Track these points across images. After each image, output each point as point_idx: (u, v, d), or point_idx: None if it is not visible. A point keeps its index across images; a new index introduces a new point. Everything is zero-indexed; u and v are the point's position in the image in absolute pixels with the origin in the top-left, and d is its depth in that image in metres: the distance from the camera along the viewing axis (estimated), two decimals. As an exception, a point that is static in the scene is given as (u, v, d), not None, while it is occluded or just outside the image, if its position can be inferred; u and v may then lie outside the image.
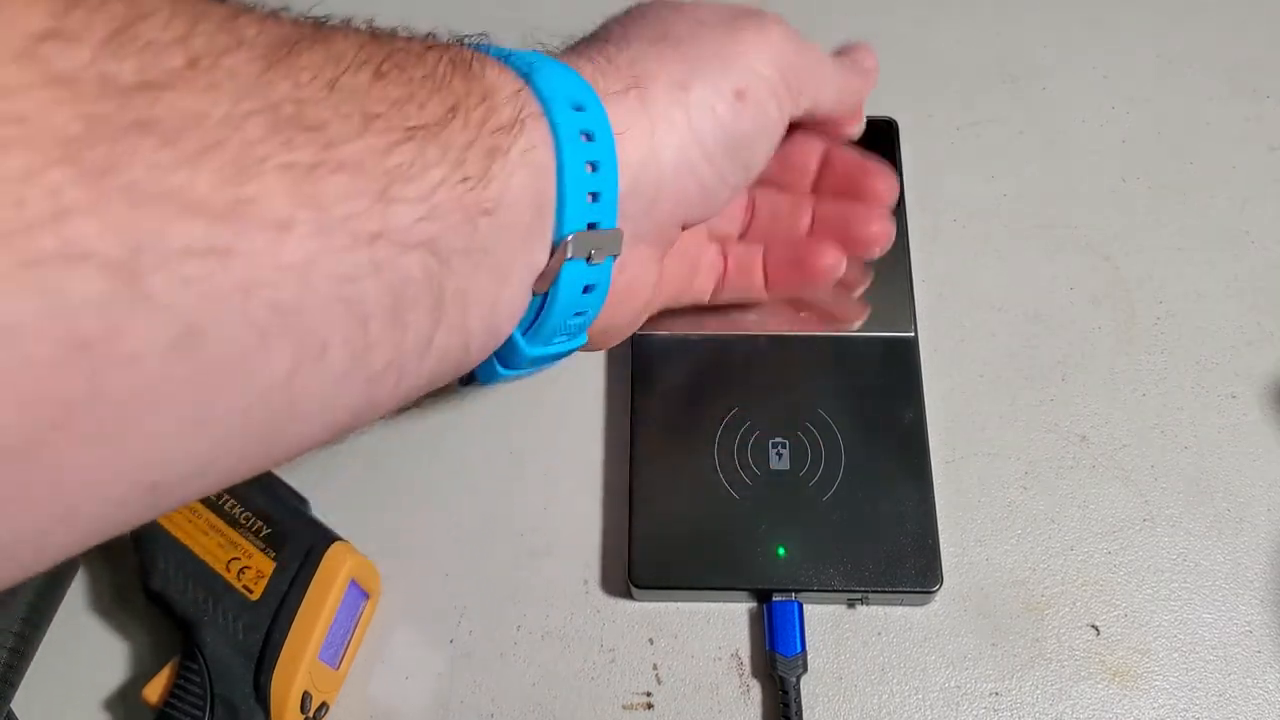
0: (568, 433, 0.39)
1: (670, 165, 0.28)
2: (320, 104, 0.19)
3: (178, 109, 0.17)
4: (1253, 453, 0.38)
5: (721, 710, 0.34)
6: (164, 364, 0.17)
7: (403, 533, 0.37)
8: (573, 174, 0.25)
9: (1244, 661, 0.34)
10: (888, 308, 0.39)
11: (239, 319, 0.18)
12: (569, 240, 0.25)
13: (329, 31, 0.21)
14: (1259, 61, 0.46)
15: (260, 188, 0.18)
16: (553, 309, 0.27)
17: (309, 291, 0.19)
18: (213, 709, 0.32)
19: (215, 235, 0.17)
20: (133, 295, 0.16)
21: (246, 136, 0.18)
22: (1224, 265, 0.41)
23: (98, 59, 0.16)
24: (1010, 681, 0.34)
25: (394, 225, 0.20)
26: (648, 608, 0.36)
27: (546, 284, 0.26)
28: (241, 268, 0.18)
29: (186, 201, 0.17)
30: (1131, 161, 0.44)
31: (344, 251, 0.19)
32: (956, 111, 0.46)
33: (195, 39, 0.18)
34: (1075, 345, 0.40)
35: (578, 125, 0.25)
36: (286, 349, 0.19)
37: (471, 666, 0.35)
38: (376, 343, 0.21)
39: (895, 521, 0.35)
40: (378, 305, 0.21)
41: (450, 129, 0.22)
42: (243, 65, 0.18)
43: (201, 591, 0.33)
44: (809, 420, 0.37)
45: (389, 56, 0.22)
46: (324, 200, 0.19)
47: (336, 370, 0.20)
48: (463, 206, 0.22)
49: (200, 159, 0.17)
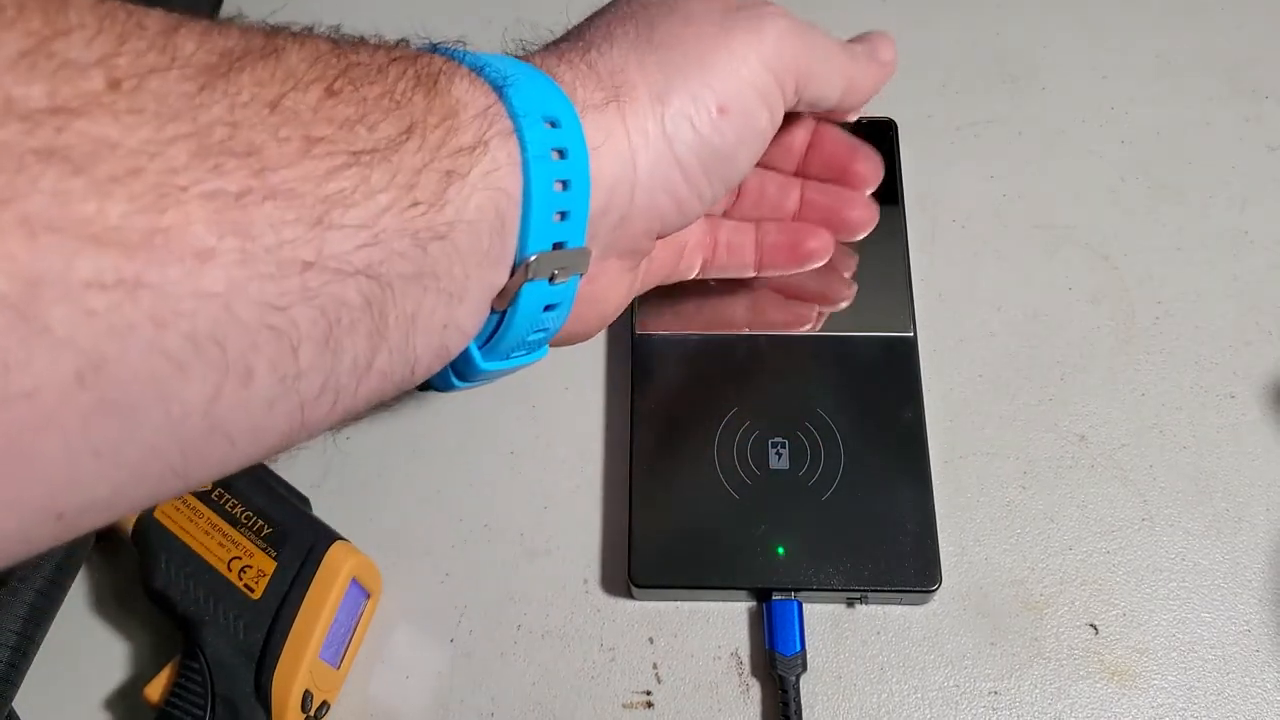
0: (568, 433, 0.39)
1: (645, 182, 0.27)
2: (256, 127, 0.19)
3: (89, 135, 0.16)
4: (1251, 452, 0.38)
5: (721, 709, 0.34)
6: (65, 397, 0.16)
7: (403, 532, 0.37)
8: (539, 194, 0.24)
9: (1242, 661, 0.34)
10: (887, 307, 0.39)
11: (150, 349, 0.17)
12: (530, 261, 0.25)
13: (283, 42, 0.21)
14: (1259, 61, 0.46)
15: (180, 216, 0.17)
16: (510, 328, 0.26)
17: (231, 320, 0.18)
18: (214, 708, 0.32)
19: (124, 267, 0.17)
20: (29, 329, 0.16)
21: (168, 163, 0.17)
22: (1223, 265, 0.41)
23: (2, 82, 0.16)
24: (1009, 681, 0.34)
25: (330, 253, 0.20)
26: (648, 607, 0.36)
27: (505, 302, 0.25)
28: (152, 299, 0.17)
29: (94, 232, 0.16)
30: (1131, 161, 0.44)
31: (271, 280, 0.19)
32: (956, 111, 0.46)
33: (120, 58, 0.17)
34: (1074, 345, 0.40)
35: (549, 142, 0.24)
36: (206, 377, 0.18)
37: (472, 666, 0.35)
38: (309, 369, 0.20)
39: (894, 521, 0.35)
40: (310, 332, 0.20)
41: (402, 151, 0.21)
42: (172, 86, 0.18)
43: (202, 591, 0.33)
44: (808, 420, 0.37)
45: (345, 72, 0.21)
46: (251, 229, 0.18)
47: (264, 396, 0.20)
48: (411, 231, 0.21)
49: (112, 187, 0.16)
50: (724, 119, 0.28)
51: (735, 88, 0.28)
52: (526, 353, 0.28)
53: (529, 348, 0.28)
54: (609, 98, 0.26)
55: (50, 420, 0.17)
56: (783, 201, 0.37)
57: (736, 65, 0.28)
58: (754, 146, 0.30)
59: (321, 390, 0.21)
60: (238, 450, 0.20)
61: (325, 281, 0.20)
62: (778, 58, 0.29)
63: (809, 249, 0.36)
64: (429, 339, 0.24)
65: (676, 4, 0.29)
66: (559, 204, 0.25)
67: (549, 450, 0.39)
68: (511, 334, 0.26)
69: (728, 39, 0.28)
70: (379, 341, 0.22)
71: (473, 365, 0.27)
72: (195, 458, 0.20)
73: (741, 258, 0.37)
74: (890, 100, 0.45)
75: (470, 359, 0.26)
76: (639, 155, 0.27)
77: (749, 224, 0.37)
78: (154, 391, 0.18)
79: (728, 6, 0.29)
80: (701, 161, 0.28)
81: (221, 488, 0.35)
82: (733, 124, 0.28)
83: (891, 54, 0.34)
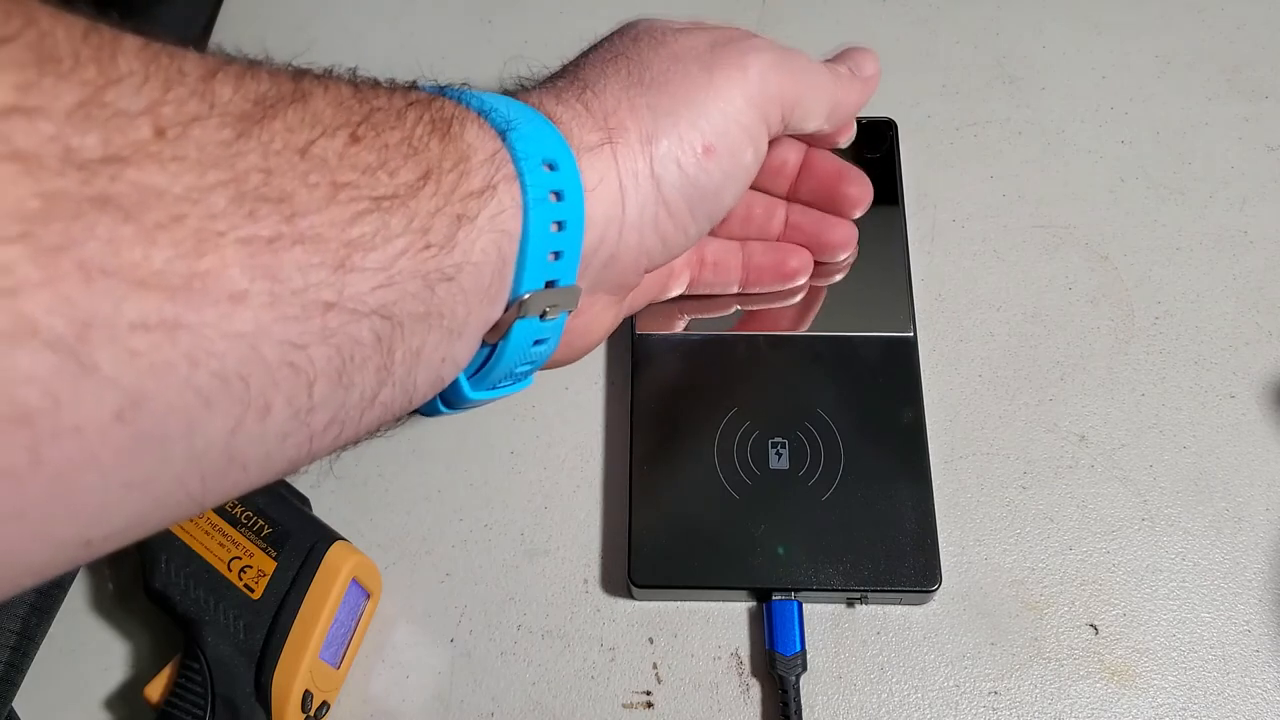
0: (568, 433, 0.39)
1: (634, 222, 0.28)
2: (287, 174, 0.19)
3: (140, 184, 0.17)
4: (1251, 452, 0.38)
5: (721, 709, 0.34)
6: (105, 433, 0.17)
7: (403, 533, 0.37)
8: (536, 235, 0.25)
9: (1242, 660, 0.34)
10: (887, 307, 0.39)
11: (184, 387, 0.18)
12: (525, 299, 0.25)
13: (310, 86, 0.21)
14: (1258, 61, 0.46)
15: (217, 261, 0.18)
16: (500, 360, 0.26)
17: (256, 358, 0.19)
18: (214, 708, 0.32)
19: (166, 309, 0.17)
20: (79, 369, 0.16)
21: (209, 210, 0.18)
22: (1222, 265, 0.41)
23: (63, 133, 0.16)
24: (1009, 680, 0.34)
25: (349, 294, 0.20)
26: (648, 607, 0.36)
27: (497, 337, 0.26)
28: (190, 339, 0.18)
29: (141, 277, 0.17)
30: (1130, 161, 0.44)
31: (295, 320, 0.19)
32: (956, 111, 0.46)
33: (165, 107, 0.18)
34: (1074, 345, 0.40)
35: (548, 185, 0.25)
36: (230, 411, 0.19)
37: (472, 666, 0.35)
38: (321, 403, 0.21)
39: (894, 521, 0.35)
40: (325, 369, 0.20)
41: (420, 196, 0.22)
42: (212, 133, 0.18)
43: (203, 591, 0.33)
44: (808, 420, 0.37)
45: (367, 118, 0.22)
46: (280, 272, 0.19)
47: (278, 429, 0.20)
48: (423, 273, 0.22)
49: (158, 233, 0.17)
50: (710, 159, 0.29)
51: (721, 127, 0.29)
52: (513, 383, 0.29)
53: (515, 378, 0.29)
54: (603, 139, 0.27)
55: (90, 457, 0.17)
56: (768, 223, 0.38)
57: (723, 105, 0.29)
58: (739, 182, 0.31)
59: (330, 423, 0.22)
60: (249, 477, 0.21)
61: (344, 322, 0.20)
62: (762, 92, 0.30)
63: (791, 268, 0.38)
64: (429, 373, 0.24)
65: (665, 39, 0.30)
66: (554, 244, 0.25)
67: (549, 450, 0.39)
68: (501, 366, 0.27)
69: (711, 78, 0.29)
70: (385, 376, 0.23)
71: (461, 394, 0.27)
72: (213, 485, 0.20)
73: (728, 275, 0.38)
74: (890, 100, 0.45)
75: (459, 388, 0.27)
76: (628, 196, 0.28)
77: (736, 243, 0.38)
78: (183, 426, 0.18)
79: (714, 41, 0.30)
80: (687, 201, 0.29)
81: (221, 488, 0.35)
82: (719, 163, 0.29)
83: (874, 68, 0.35)
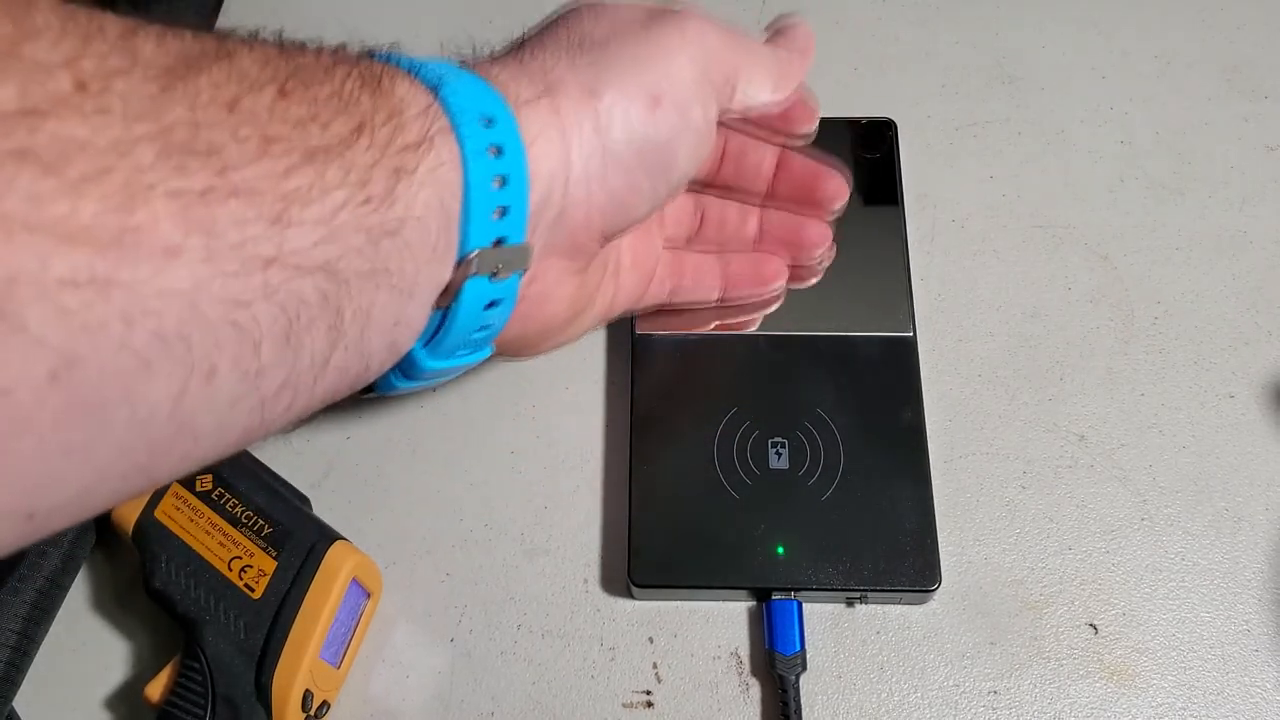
0: (568, 433, 0.39)
1: (580, 176, 0.27)
2: (217, 127, 0.19)
3: (61, 136, 0.16)
4: (1250, 452, 0.38)
5: (721, 709, 0.34)
6: (39, 395, 0.17)
7: (403, 532, 0.38)
8: (478, 190, 0.24)
9: (1241, 660, 0.34)
10: (887, 307, 0.39)
11: (120, 347, 0.17)
12: (473, 257, 0.25)
13: (234, 46, 0.21)
14: (1258, 61, 0.46)
15: (148, 215, 0.17)
16: (453, 325, 0.26)
17: (196, 317, 0.18)
18: (214, 708, 0.32)
19: (97, 265, 0.17)
20: (5, 328, 0.16)
21: (136, 162, 0.17)
22: (1222, 265, 0.42)
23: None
24: (1009, 680, 0.34)
25: (290, 249, 0.20)
26: (647, 607, 0.36)
27: (448, 300, 0.25)
28: (124, 296, 0.17)
29: (68, 231, 0.16)
30: (1130, 161, 0.44)
31: (235, 276, 0.19)
32: (956, 111, 0.46)
33: (86, 60, 0.17)
34: (1073, 345, 0.40)
35: (486, 140, 0.25)
36: (172, 374, 0.19)
37: (472, 665, 0.35)
38: (270, 365, 0.21)
39: (894, 520, 0.35)
40: (271, 328, 0.20)
41: (354, 149, 0.22)
42: (136, 87, 0.18)
43: (203, 590, 0.33)
44: (808, 420, 0.37)
45: (294, 74, 0.21)
46: (215, 226, 0.19)
47: (226, 393, 0.20)
48: (365, 228, 0.22)
49: (84, 187, 0.17)
50: (658, 111, 0.28)
51: (666, 82, 0.29)
52: (470, 351, 0.28)
53: (472, 346, 0.28)
54: (541, 93, 0.27)
55: (24, 420, 0.17)
56: (742, 228, 0.38)
57: (665, 62, 0.29)
58: (690, 142, 0.30)
59: (281, 387, 0.21)
60: (200, 448, 0.21)
61: (286, 278, 0.20)
62: (704, 55, 0.30)
63: (768, 272, 0.38)
64: (382, 336, 0.24)
65: (603, 13, 0.30)
66: (498, 200, 0.25)
67: (549, 450, 0.39)
68: (455, 331, 0.26)
69: (654, 36, 0.29)
70: (336, 338, 0.22)
71: (417, 364, 0.27)
72: (161, 455, 0.20)
73: (707, 285, 0.38)
74: (890, 100, 0.45)
75: (414, 358, 0.26)
76: (573, 149, 0.27)
77: (714, 254, 0.38)
78: (123, 389, 0.18)
79: (651, 12, 0.30)
80: (638, 153, 0.28)
81: (222, 487, 0.35)
82: (666, 116, 0.29)
83: (808, 39, 0.35)
